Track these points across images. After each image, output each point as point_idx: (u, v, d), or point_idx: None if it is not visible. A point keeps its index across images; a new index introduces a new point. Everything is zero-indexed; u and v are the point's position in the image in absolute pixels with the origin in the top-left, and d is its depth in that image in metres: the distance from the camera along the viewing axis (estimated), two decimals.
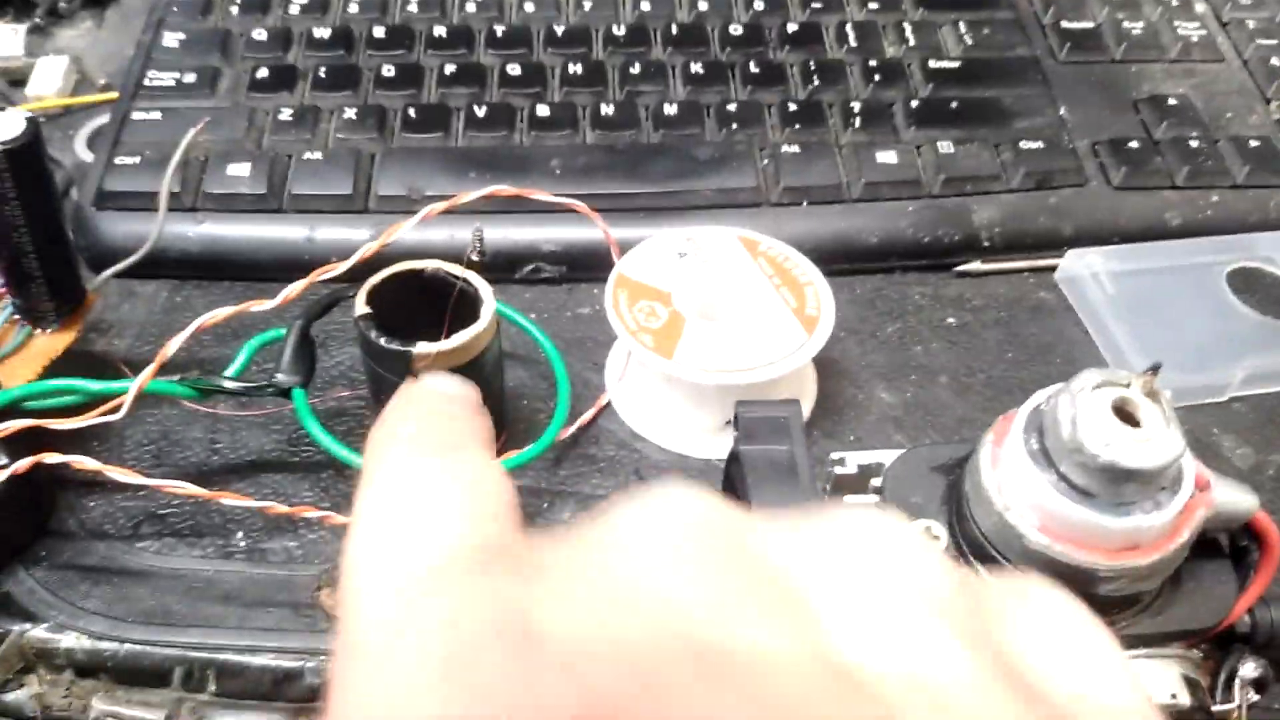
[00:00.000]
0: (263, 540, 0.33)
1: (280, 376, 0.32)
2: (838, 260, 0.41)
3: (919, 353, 0.39)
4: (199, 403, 0.34)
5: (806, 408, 0.37)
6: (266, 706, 0.30)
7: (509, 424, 0.36)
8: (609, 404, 0.37)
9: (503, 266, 0.40)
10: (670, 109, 0.44)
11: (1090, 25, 0.48)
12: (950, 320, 0.40)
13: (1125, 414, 0.23)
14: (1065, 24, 0.48)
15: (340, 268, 0.30)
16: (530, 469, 0.35)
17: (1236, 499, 0.25)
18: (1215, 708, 0.26)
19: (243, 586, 0.32)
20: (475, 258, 0.29)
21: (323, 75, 0.44)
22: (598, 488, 0.35)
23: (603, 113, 0.43)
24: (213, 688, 0.30)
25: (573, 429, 0.36)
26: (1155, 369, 0.23)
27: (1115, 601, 0.25)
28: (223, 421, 0.36)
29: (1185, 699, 0.25)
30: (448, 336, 0.31)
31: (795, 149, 0.42)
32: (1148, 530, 0.23)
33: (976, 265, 0.41)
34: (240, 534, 0.33)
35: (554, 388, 0.36)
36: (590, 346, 0.39)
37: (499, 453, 0.35)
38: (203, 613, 0.31)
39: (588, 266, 0.40)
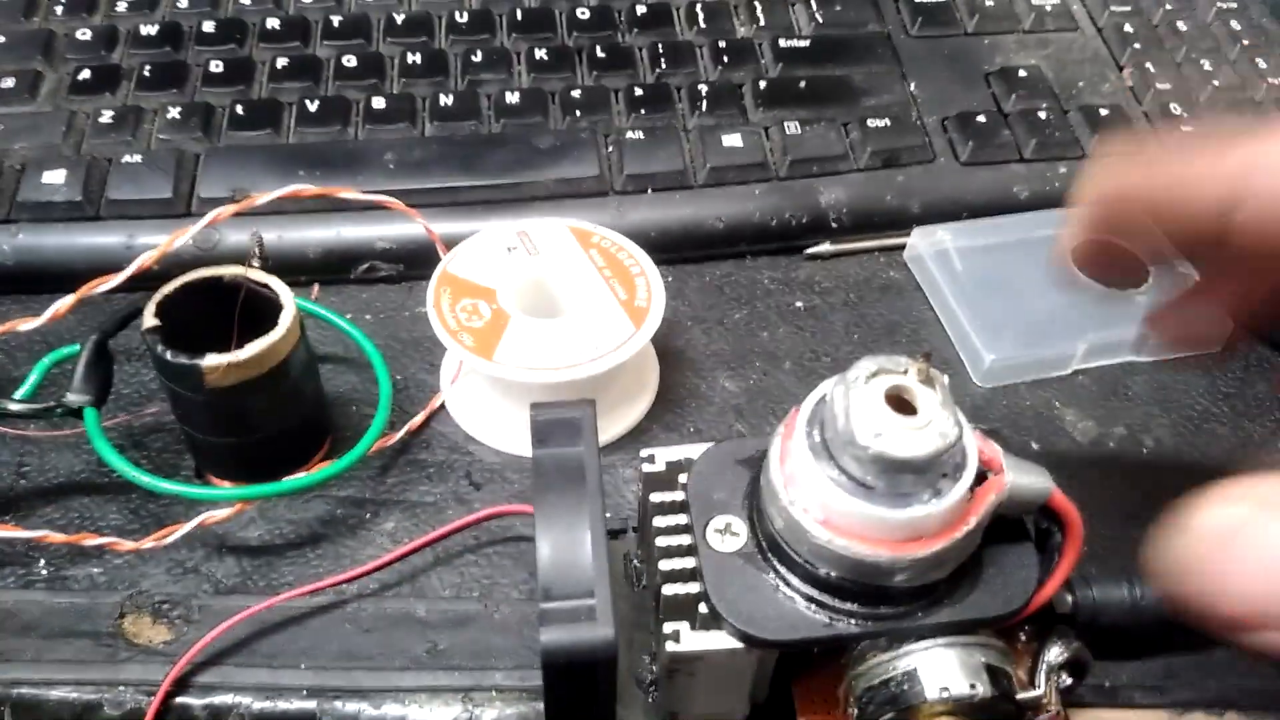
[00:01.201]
0: (65, 567, 0.31)
1: (70, 396, 0.30)
2: (686, 248, 0.40)
3: (765, 339, 0.38)
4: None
5: (648, 400, 0.36)
6: None
7: (335, 431, 0.35)
8: (442, 406, 0.36)
9: (336, 266, 0.39)
10: (513, 97, 0.42)
11: None
12: (798, 304, 0.40)
13: (902, 402, 0.23)
14: None
15: (116, 279, 0.28)
16: (355, 477, 0.33)
17: (1030, 481, 0.24)
18: (1020, 695, 0.25)
19: (42, 617, 0.30)
20: (257, 264, 0.28)
21: (147, 74, 0.42)
22: (425, 494, 0.33)
23: (442, 103, 0.42)
24: None
25: (402, 433, 0.34)
26: (928, 355, 0.23)
27: (909, 592, 0.24)
28: (32, 444, 0.34)
29: (985, 689, 0.24)
30: (242, 346, 0.29)
31: (640, 135, 0.41)
32: (928, 520, 0.23)
33: (826, 247, 0.41)
34: (43, 561, 0.31)
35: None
36: (428, 347, 0.37)
37: (323, 459, 0.33)
38: None
39: (427, 263, 0.38)
